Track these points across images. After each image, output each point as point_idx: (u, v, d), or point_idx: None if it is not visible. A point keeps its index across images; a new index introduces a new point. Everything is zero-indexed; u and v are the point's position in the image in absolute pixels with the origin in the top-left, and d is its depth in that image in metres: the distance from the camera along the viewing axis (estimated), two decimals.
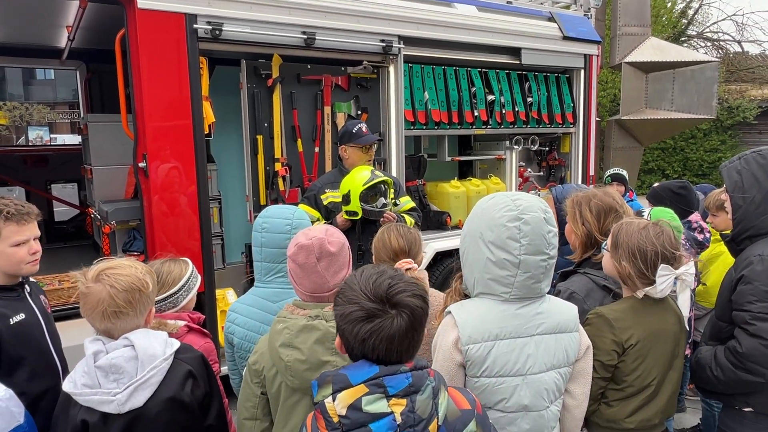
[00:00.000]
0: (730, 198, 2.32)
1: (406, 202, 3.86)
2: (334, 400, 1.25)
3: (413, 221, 3.73)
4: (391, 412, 1.24)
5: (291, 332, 1.69)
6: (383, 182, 3.48)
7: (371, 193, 3.44)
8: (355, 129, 3.73)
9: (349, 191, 3.41)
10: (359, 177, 3.41)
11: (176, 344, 1.79)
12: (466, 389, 1.51)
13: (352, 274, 1.40)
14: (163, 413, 1.67)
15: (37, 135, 23.61)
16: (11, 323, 1.99)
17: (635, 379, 1.99)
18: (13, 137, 23.47)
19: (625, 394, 2.00)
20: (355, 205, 3.40)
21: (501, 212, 1.71)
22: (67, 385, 1.64)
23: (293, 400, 1.72)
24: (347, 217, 3.48)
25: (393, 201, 3.64)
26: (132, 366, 1.64)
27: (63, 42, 5.65)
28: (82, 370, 1.64)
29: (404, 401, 1.25)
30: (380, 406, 1.24)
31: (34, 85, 24.87)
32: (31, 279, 2.23)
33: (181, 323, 2.12)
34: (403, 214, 3.71)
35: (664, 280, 1.97)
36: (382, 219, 3.42)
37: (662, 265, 1.96)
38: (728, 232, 2.44)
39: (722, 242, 2.79)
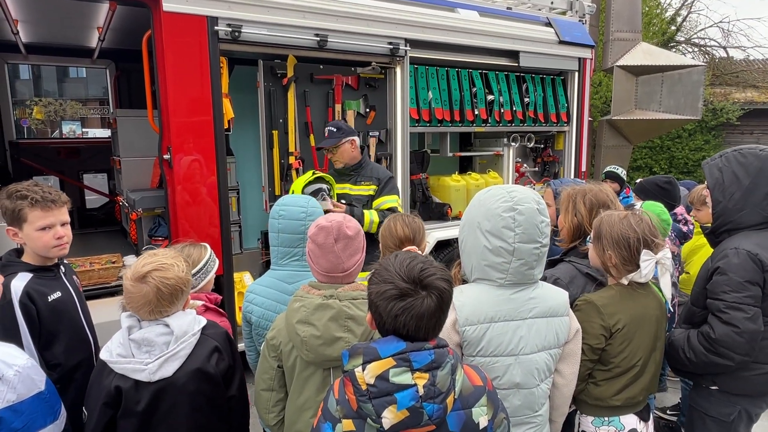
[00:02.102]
0: (711, 193, 2.30)
1: (387, 201, 3.67)
2: (363, 369, 1.29)
3: (370, 217, 3.54)
4: (415, 384, 1.27)
5: (307, 310, 1.72)
6: (320, 181, 3.54)
7: (308, 191, 3.45)
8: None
9: (293, 191, 3.52)
10: (302, 179, 3.54)
11: (203, 321, 1.82)
12: (478, 367, 1.53)
13: (386, 258, 1.42)
14: (189, 383, 1.71)
15: (70, 129, 23.64)
16: (49, 300, 2.01)
17: (621, 360, 1.99)
18: (48, 131, 23.56)
19: (612, 375, 2.01)
20: None
21: (497, 203, 1.71)
22: (103, 354, 1.68)
23: (307, 373, 1.75)
24: None
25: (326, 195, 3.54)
26: (163, 340, 1.67)
27: (94, 42, 5.65)
28: (118, 341, 1.67)
29: (426, 375, 1.29)
30: (405, 378, 1.27)
31: (67, 82, 24.92)
32: (64, 261, 2.24)
33: (199, 303, 2.14)
34: (367, 211, 3.57)
35: (647, 264, 1.97)
36: (329, 205, 3.44)
37: (644, 250, 1.96)
38: (709, 224, 2.43)
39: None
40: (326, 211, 3.37)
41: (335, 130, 3.64)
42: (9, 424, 1.49)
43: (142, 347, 1.66)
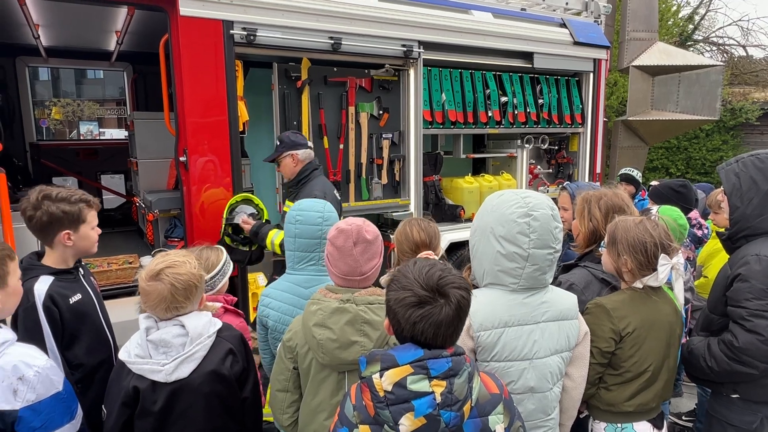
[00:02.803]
0: (728, 199, 2.27)
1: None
2: (381, 376, 1.30)
3: (272, 238, 3.38)
4: (432, 392, 1.28)
5: (324, 313, 1.74)
6: (248, 202, 3.65)
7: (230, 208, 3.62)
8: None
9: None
10: (230, 201, 3.66)
11: (219, 324, 1.86)
12: (495, 375, 1.54)
13: (405, 265, 1.42)
14: (204, 384, 1.74)
15: (87, 129, 24.03)
16: (71, 303, 2.06)
17: (632, 365, 1.98)
18: (66, 131, 23.95)
19: (623, 379, 2.00)
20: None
21: (512, 209, 1.72)
22: (122, 354, 1.72)
23: (322, 375, 1.77)
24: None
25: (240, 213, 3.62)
26: (179, 342, 1.70)
27: (112, 45, 5.75)
28: (136, 342, 1.71)
29: (444, 383, 1.29)
30: (423, 385, 1.28)
31: (84, 83, 25.29)
32: (82, 262, 2.30)
33: (218, 305, 2.18)
34: (273, 231, 3.42)
35: (664, 268, 1.96)
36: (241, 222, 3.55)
37: (662, 254, 1.95)
38: (725, 228, 2.41)
39: None
40: (236, 225, 3.50)
41: (278, 143, 3.54)
42: (28, 423, 1.54)
43: (159, 348, 1.70)
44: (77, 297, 2.09)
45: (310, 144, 3.56)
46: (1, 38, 5.29)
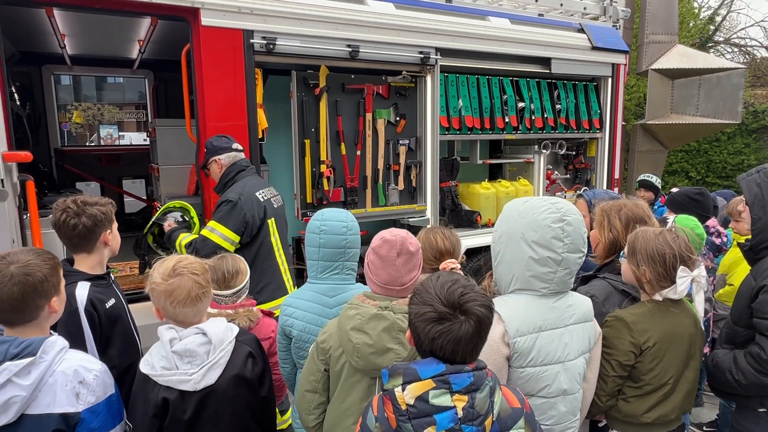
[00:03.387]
0: (750, 209, 2.25)
1: (205, 228, 3.25)
2: (403, 390, 1.31)
3: (180, 241, 3.25)
4: (454, 407, 1.29)
5: (362, 318, 1.77)
6: (181, 210, 3.59)
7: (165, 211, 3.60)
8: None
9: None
10: (162, 209, 3.65)
11: (236, 329, 1.90)
12: (516, 389, 1.55)
13: (428, 279, 1.43)
14: (230, 389, 1.79)
15: (107, 133, 24.50)
16: (107, 307, 2.13)
17: (652, 378, 1.98)
18: (87, 134, 24.44)
19: (643, 392, 1.99)
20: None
21: (544, 214, 1.75)
22: (144, 368, 1.74)
23: (354, 379, 1.80)
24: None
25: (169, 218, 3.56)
26: (203, 350, 1.74)
27: (135, 54, 5.87)
28: (160, 354, 1.74)
29: (465, 397, 1.31)
30: (444, 400, 1.29)
31: (105, 89, 25.78)
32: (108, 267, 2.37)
33: (256, 310, 2.25)
34: (184, 235, 3.32)
35: (683, 281, 1.96)
36: (165, 225, 3.46)
37: (681, 267, 1.95)
38: (745, 239, 2.38)
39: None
40: (161, 228, 3.46)
41: (205, 150, 3.43)
42: (89, 425, 1.61)
43: (184, 358, 1.74)
44: (111, 302, 2.16)
45: (235, 146, 3.43)
46: (28, 47, 5.44)
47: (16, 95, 5.41)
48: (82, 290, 2.06)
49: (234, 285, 2.33)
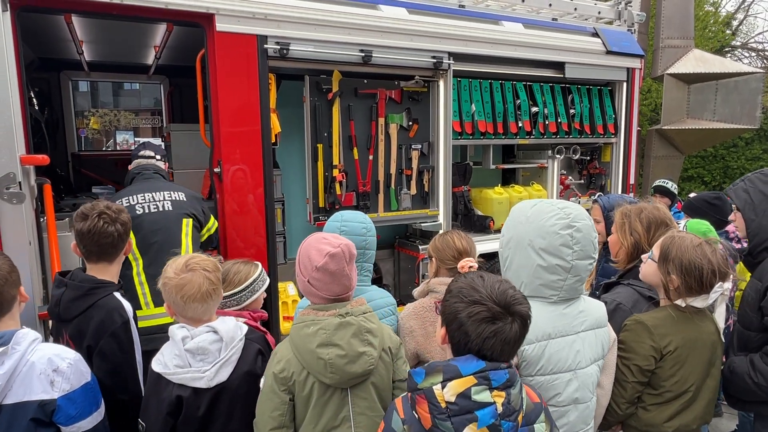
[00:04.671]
0: (743, 214, 2.31)
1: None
2: (443, 387, 1.31)
3: None
4: (494, 402, 1.31)
5: (327, 331, 1.70)
6: None
7: None
8: None
9: None
10: None
11: (245, 327, 1.93)
12: (532, 386, 1.57)
13: (472, 278, 1.44)
14: (242, 385, 1.81)
15: (123, 138, 24.85)
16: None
17: (673, 384, 1.93)
18: (103, 140, 24.83)
19: (663, 399, 1.95)
20: None
21: (552, 220, 1.70)
22: (157, 367, 1.76)
23: (325, 398, 1.73)
24: None
25: None
26: (215, 347, 1.76)
27: (150, 60, 5.95)
28: (172, 353, 1.76)
29: (503, 393, 1.33)
30: (485, 396, 1.31)
31: (121, 95, 26.19)
32: None
33: (242, 320, 2.20)
34: None
35: (716, 294, 1.92)
36: None
37: (719, 282, 1.91)
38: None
39: None
40: None
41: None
42: (65, 412, 1.65)
43: (197, 356, 1.76)
44: (131, 309, 2.17)
45: (144, 153, 3.47)
46: (47, 54, 5.54)
47: (35, 100, 5.51)
48: (125, 301, 2.08)
49: (228, 290, 2.27)
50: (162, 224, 3.16)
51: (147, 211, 3.15)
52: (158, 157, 3.58)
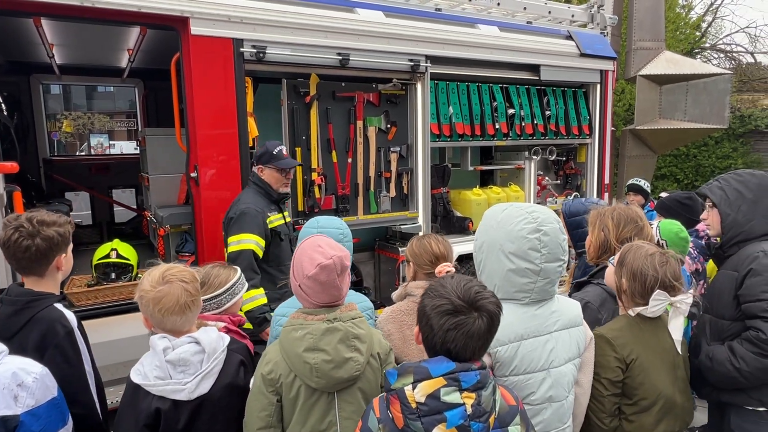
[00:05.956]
0: (719, 209, 2.38)
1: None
2: (414, 388, 1.33)
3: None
4: (464, 404, 1.33)
5: (314, 336, 1.72)
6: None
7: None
8: (275, 151, 3.43)
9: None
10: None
11: (227, 338, 1.89)
12: (510, 388, 1.57)
13: (443, 277, 1.49)
14: (224, 398, 1.78)
15: (98, 141, 24.36)
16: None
17: (645, 391, 1.97)
18: (77, 144, 24.28)
19: (640, 408, 1.98)
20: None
21: (520, 225, 1.73)
22: (136, 378, 1.72)
23: (312, 400, 1.74)
24: None
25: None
26: (197, 359, 1.73)
27: (124, 63, 5.86)
28: (153, 364, 1.72)
29: (473, 395, 1.34)
30: (455, 397, 1.33)
31: (95, 98, 25.64)
32: None
33: (221, 324, 2.18)
34: None
35: (656, 304, 1.98)
36: None
37: (658, 290, 1.96)
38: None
39: None
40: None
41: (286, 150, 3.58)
42: (29, 428, 1.59)
43: (178, 367, 1.73)
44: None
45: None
46: (16, 57, 5.41)
47: (3, 105, 5.37)
48: (67, 311, 1.99)
49: (207, 293, 2.24)
50: None
51: None
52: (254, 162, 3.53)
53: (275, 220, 3.41)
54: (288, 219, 3.61)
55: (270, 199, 3.44)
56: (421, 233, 4.63)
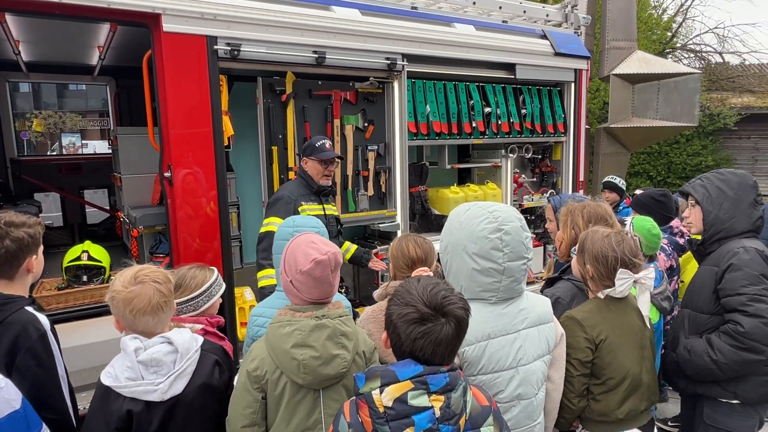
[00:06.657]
0: (702, 206, 2.44)
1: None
2: (381, 392, 1.32)
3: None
4: (432, 407, 1.31)
5: (302, 333, 1.72)
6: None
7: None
8: (318, 144, 3.69)
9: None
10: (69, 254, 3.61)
11: (200, 339, 1.87)
12: (483, 387, 1.57)
13: (408, 281, 1.45)
14: (198, 398, 1.76)
15: (70, 141, 23.74)
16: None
17: (613, 371, 2.03)
18: (48, 143, 23.63)
19: (608, 388, 2.04)
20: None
21: (481, 225, 1.75)
22: (107, 380, 1.68)
23: (298, 397, 1.75)
24: None
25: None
26: (169, 359, 1.71)
27: (95, 60, 5.70)
28: (124, 365, 1.69)
29: (442, 398, 1.33)
30: (423, 400, 1.31)
31: (66, 96, 24.98)
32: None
33: (198, 327, 2.15)
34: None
35: (622, 282, 2.04)
36: None
37: (621, 269, 2.01)
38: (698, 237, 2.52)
39: None
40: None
41: (330, 144, 3.75)
42: None
43: (150, 368, 1.70)
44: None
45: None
46: None
47: None
48: (37, 314, 1.94)
49: (184, 295, 2.20)
50: None
51: None
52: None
53: (310, 209, 3.56)
54: (330, 212, 3.75)
55: (310, 189, 3.68)
56: (399, 233, 4.64)
